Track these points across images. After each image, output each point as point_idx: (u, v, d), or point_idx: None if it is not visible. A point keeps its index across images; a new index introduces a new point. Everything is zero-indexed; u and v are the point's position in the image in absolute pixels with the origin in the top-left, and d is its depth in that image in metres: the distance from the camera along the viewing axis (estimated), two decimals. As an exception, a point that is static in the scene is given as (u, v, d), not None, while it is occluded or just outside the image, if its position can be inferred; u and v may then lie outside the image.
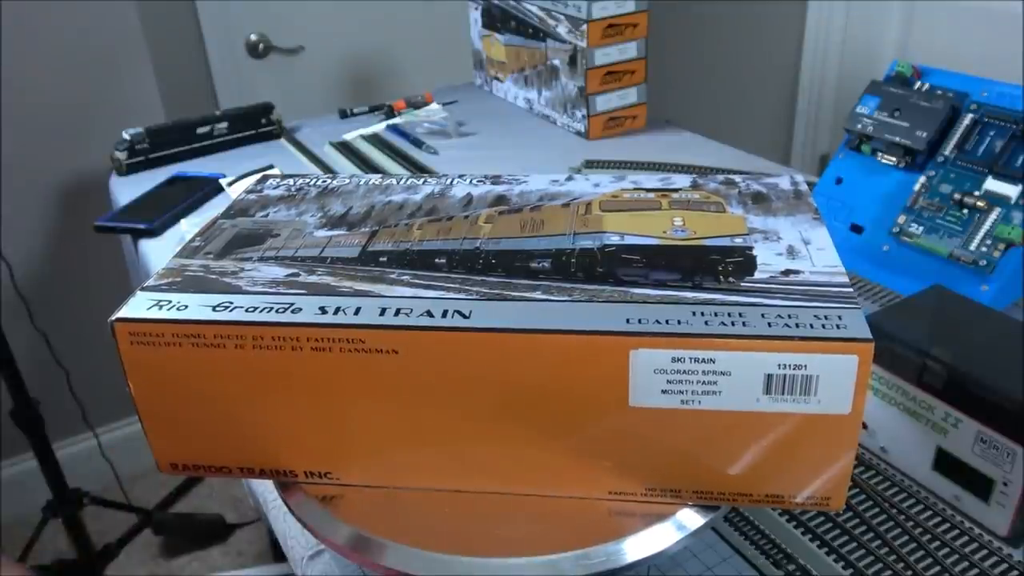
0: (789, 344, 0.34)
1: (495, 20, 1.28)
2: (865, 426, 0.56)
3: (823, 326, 0.34)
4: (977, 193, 0.70)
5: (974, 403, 0.48)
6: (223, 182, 1.03)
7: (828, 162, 0.83)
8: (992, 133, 0.71)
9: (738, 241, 0.42)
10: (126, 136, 1.12)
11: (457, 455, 0.39)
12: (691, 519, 0.38)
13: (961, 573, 0.47)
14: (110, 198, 1.13)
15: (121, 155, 1.12)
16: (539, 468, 0.39)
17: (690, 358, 0.34)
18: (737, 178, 0.50)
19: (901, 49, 1.51)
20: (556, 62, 1.16)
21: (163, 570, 1.54)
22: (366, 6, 1.70)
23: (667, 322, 0.35)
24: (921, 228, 0.73)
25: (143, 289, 0.40)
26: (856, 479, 0.54)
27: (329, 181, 0.54)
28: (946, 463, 0.51)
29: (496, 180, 0.52)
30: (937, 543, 0.49)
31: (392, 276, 0.41)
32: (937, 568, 0.47)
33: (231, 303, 0.38)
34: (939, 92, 0.75)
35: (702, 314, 0.35)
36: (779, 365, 0.34)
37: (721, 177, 0.50)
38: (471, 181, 0.52)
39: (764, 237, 0.42)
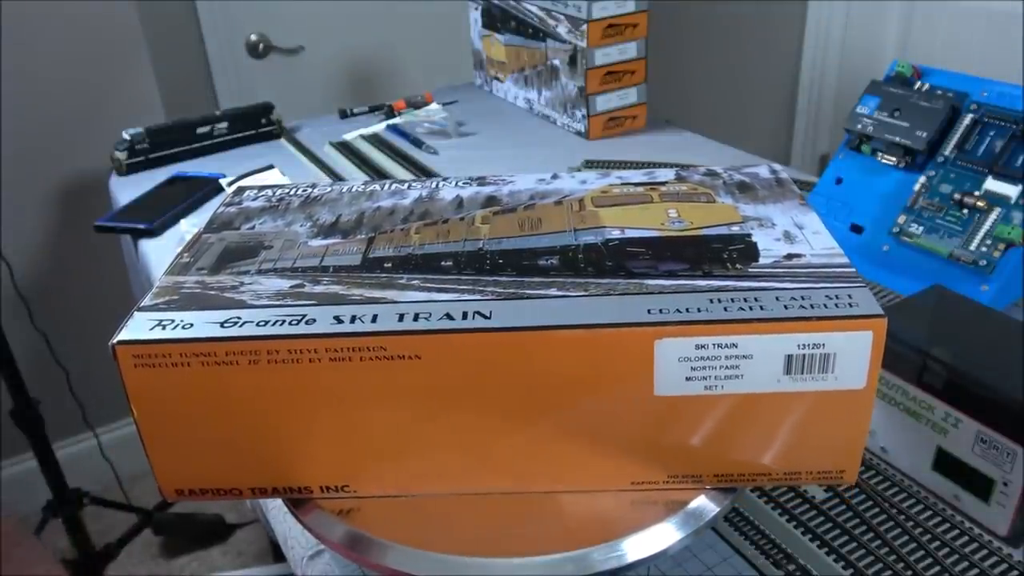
0: (808, 324, 0.35)
1: (495, 20, 1.28)
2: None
3: (836, 305, 0.35)
4: (977, 193, 0.70)
5: (974, 403, 0.48)
6: (223, 182, 1.04)
7: (828, 162, 0.83)
8: (992, 133, 0.71)
9: (735, 229, 0.42)
10: (126, 136, 1.12)
11: (480, 458, 0.39)
12: (692, 519, 0.38)
13: (961, 573, 0.47)
14: (110, 198, 1.13)
15: (121, 155, 1.12)
16: (563, 465, 0.39)
17: (713, 344, 0.35)
18: (718, 169, 0.51)
19: (901, 49, 1.51)
20: (556, 62, 1.16)
21: (163, 570, 1.54)
22: (366, 6, 1.70)
23: (687, 311, 0.35)
24: (921, 228, 0.73)
25: (140, 309, 0.39)
26: (856, 479, 0.54)
27: (310, 190, 0.52)
28: (946, 463, 0.51)
29: (482, 181, 0.51)
30: (937, 543, 0.49)
31: (401, 281, 0.40)
32: (937, 568, 0.47)
33: (239, 318, 0.37)
34: (939, 92, 0.75)
35: (719, 301, 0.36)
36: (799, 345, 0.35)
37: (703, 169, 0.51)
38: (457, 183, 0.51)
39: (759, 224, 0.43)
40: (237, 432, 0.38)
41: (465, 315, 0.36)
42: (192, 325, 0.37)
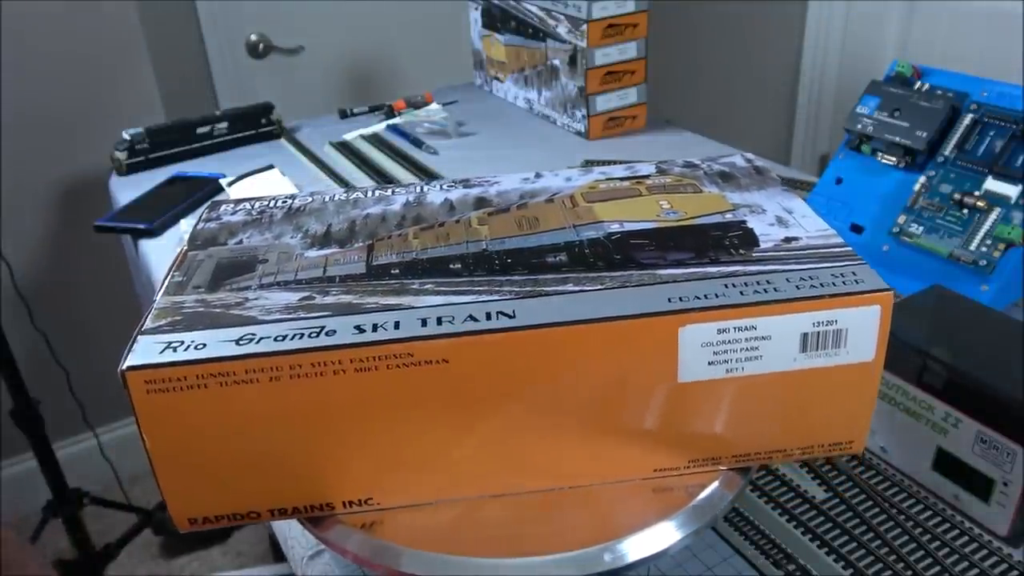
0: (822, 303, 0.36)
1: (495, 20, 1.28)
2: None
3: (843, 283, 0.37)
4: (977, 193, 0.70)
5: (974, 403, 0.48)
6: (223, 182, 1.03)
7: (828, 162, 0.83)
8: (992, 133, 0.71)
9: (729, 216, 0.43)
10: (126, 136, 1.12)
11: (507, 458, 0.39)
12: (692, 518, 0.38)
13: (961, 573, 0.47)
14: (110, 198, 1.13)
15: (121, 155, 1.12)
16: (588, 458, 0.39)
17: (734, 328, 0.36)
18: (696, 160, 0.51)
19: (901, 49, 1.51)
20: (556, 62, 1.16)
21: (163, 570, 1.54)
22: (366, 6, 1.70)
23: (705, 297, 0.36)
24: (921, 228, 0.73)
25: (144, 333, 0.37)
26: (856, 479, 0.54)
27: (291, 201, 0.51)
28: (946, 463, 0.51)
29: (467, 183, 0.51)
30: (937, 543, 0.49)
31: (414, 287, 0.39)
32: (937, 568, 0.47)
33: (254, 335, 0.36)
34: (939, 92, 0.75)
35: (733, 285, 0.37)
36: (813, 323, 0.36)
37: (681, 161, 0.51)
38: (442, 187, 0.51)
39: (750, 211, 0.44)
40: (256, 453, 0.37)
41: (489, 316, 0.36)
42: (205, 345, 0.35)
